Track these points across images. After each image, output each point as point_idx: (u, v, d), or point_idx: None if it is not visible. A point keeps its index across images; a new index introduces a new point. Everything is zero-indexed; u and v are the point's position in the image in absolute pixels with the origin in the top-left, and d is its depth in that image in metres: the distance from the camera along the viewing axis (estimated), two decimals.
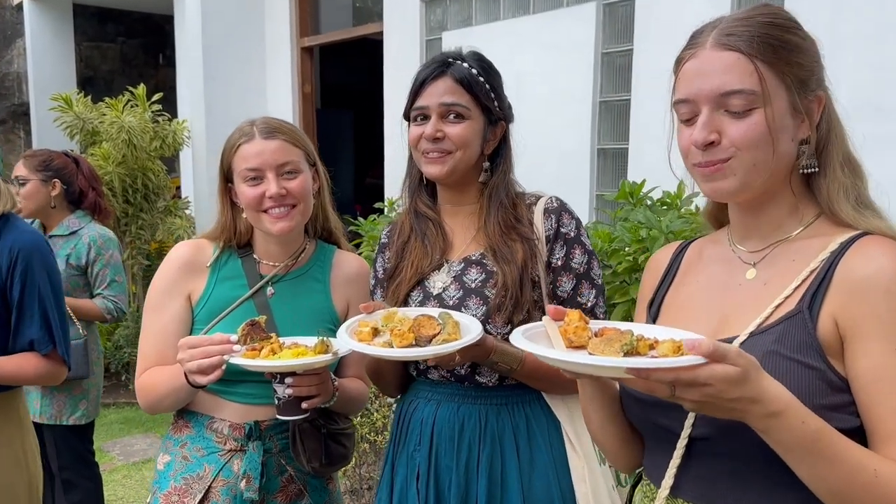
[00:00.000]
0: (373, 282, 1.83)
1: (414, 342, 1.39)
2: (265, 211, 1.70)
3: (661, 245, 2.24)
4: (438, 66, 1.62)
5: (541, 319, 1.60)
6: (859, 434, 1.03)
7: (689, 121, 1.13)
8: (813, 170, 1.13)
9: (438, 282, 1.66)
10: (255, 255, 1.81)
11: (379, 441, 3.34)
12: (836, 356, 1.05)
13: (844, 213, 1.12)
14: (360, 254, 3.57)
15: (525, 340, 1.12)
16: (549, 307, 1.19)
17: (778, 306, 1.10)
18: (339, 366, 1.85)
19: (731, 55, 1.08)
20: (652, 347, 1.04)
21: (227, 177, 1.77)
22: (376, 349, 1.41)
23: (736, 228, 1.24)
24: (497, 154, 1.70)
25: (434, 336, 1.39)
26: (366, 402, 1.94)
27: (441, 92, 1.60)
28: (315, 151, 1.82)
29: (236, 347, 1.52)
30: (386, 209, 4.23)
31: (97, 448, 3.35)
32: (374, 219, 3.98)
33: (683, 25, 1.20)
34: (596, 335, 1.13)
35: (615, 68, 4.17)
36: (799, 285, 1.10)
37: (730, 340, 1.11)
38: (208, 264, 1.78)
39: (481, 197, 1.69)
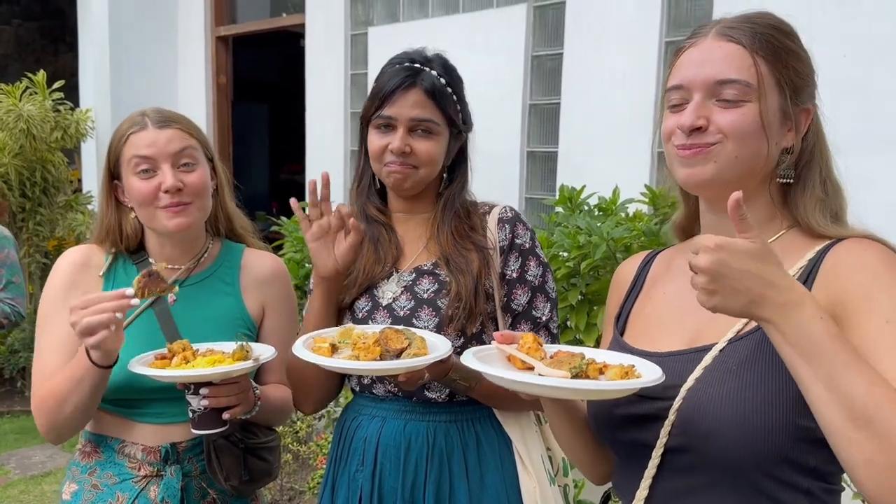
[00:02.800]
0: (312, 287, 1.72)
1: (379, 357, 1.32)
2: (160, 207, 1.56)
3: (602, 252, 2.23)
4: (408, 75, 1.56)
5: (493, 332, 1.58)
6: None
7: (677, 107, 1.13)
8: (788, 180, 1.14)
9: (388, 291, 1.61)
10: (150, 260, 1.66)
11: (303, 451, 3.21)
12: None
13: (820, 224, 1.12)
14: (282, 255, 3.43)
15: (476, 361, 1.12)
16: (496, 333, 1.20)
17: None
18: (259, 372, 1.71)
19: (732, 46, 1.10)
20: (602, 371, 1.06)
21: (112, 173, 1.62)
22: (346, 363, 1.32)
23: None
24: (456, 165, 1.68)
25: (402, 350, 1.33)
26: (292, 410, 1.80)
27: (411, 104, 1.55)
28: (212, 147, 1.69)
29: (134, 301, 1.37)
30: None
31: None
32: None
33: (613, 30, 1.20)
34: (551, 358, 1.12)
35: (545, 71, 4.17)
36: None
37: (708, 348, 1.09)
38: (101, 273, 1.63)
39: (435, 205, 1.66)
